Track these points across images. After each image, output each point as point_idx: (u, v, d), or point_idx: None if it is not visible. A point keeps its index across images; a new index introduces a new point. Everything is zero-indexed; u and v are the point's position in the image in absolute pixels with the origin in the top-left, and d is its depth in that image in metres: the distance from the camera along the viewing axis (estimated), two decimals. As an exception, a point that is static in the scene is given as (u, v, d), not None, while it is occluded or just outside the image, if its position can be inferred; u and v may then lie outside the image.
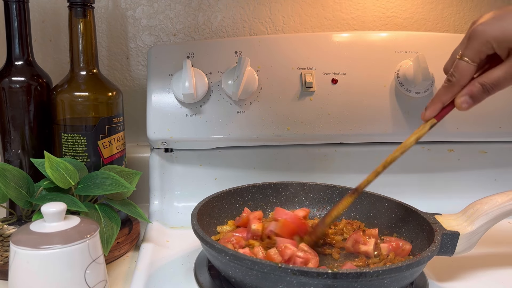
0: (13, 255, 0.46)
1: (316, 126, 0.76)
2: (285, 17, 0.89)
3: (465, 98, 0.47)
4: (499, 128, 0.79)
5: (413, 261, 0.47)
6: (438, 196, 0.81)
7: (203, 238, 0.51)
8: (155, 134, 0.75)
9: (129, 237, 0.67)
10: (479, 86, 0.46)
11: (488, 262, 0.62)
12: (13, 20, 0.67)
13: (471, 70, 0.47)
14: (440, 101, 0.50)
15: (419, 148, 0.82)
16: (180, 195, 0.78)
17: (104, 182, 0.60)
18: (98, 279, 0.48)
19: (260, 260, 0.46)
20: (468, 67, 0.47)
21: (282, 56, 0.77)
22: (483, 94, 0.47)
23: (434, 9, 0.92)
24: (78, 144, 0.66)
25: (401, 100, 0.77)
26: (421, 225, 0.58)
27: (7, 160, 0.69)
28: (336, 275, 0.44)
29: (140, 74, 0.89)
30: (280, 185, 0.70)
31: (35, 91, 0.68)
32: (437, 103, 0.50)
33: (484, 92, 0.46)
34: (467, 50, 0.47)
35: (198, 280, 0.56)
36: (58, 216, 0.47)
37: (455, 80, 0.48)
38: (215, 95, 0.75)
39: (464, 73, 0.47)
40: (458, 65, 0.47)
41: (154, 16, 0.87)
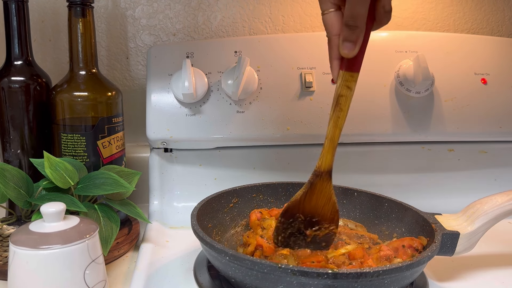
0: (13, 255, 0.45)
1: (316, 126, 0.76)
2: (285, 16, 0.89)
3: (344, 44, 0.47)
4: (499, 128, 0.79)
5: (413, 261, 0.47)
6: (438, 196, 0.81)
7: (203, 238, 0.51)
8: (154, 134, 0.75)
9: (128, 237, 0.67)
10: (344, 27, 0.46)
11: (488, 262, 0.62)
12: (13, 20, 0.67)
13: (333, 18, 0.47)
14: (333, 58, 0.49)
15: (419, 148, 0.82)
16: (179, 195, 0.78)
17: (103, 182, 0.60)
18: (98, 279, 0.48)
19: (260, 260, 0.46)
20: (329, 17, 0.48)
21: (282, 56, 0.77)
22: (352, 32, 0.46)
23: (434, 8, 0.92)
24: (77, 144, 0.66)
25: (401, 100, 0.77)
26: (421, 225, 0.58)
27: (7, 160, 0.69)
28: (336, 275, 0.44)
29: (140, 74, 0.89)
30: (280, 185, 0.70)
31: (35, 91, 0.68)
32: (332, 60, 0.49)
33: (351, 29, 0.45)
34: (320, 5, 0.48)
35: (198, 280, 0.56)
36: (58, 216, 0.47)
37: (328, 33, 0.49)
38: (215, 95, 0.75)
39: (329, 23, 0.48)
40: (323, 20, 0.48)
41: (153, 16, 0.87)
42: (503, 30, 0.96)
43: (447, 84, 0.78)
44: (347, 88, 0.49)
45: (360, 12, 0.44)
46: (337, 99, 0.50)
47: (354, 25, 0.45)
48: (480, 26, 0.95)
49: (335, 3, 0.47)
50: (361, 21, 0.45)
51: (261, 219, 0.63)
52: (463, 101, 0.78)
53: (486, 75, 0.80)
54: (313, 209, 0.54)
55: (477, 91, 0.79)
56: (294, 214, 0.54)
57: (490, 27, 0.95)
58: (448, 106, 0.78)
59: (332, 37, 0.48)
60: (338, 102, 0.50)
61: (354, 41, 0.46)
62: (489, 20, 0.95)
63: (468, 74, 0.79)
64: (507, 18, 0.96)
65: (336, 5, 0.47)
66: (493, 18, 0.95)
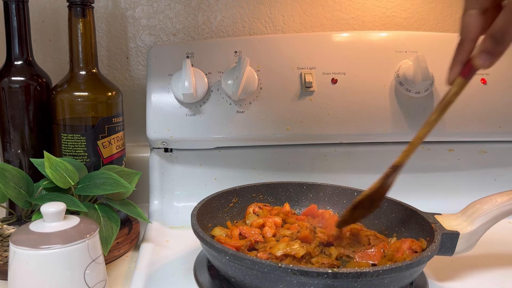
0: (13, 255, 0.45)
1: (316, 126, 0.76)
2: (285, 17, 0.89)
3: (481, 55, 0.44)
4: (499, 128, 0.79)
5: (413, 261, 0.47)
6: (438, 196, 0.81)
7: (203, 238, 0.51)
8: (154, 134, 0.75)
9: (128, 237, 0.67)
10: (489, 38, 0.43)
11: (488, 262, 0.62)
12: (13, 20, 0.67)
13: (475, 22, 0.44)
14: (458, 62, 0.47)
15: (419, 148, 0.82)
16: (180, 195, 0.78)
17: (103, 182, 0.60)
18: (98, 279, 0.48)
19: (260, 260, 0.46)
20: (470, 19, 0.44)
21: (282, 56, 0.77)
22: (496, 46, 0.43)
23: (434, 8, 0.92)
24: (77, 144, 0.66)
25: (401, 100, 0.77)
26: (421, 225, 0.58)
27: (7, 160, 0.69)
28: (336, 275, 0.44)
29: (140, 74, 0.89)
30: (280, 185, 0.70)
31: (35, 91, 0.68)
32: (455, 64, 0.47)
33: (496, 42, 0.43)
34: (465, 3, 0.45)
35: (198, 280, 0.56)
36: (58, 216, 0.47)
37: (463, 35, 0.46)
38: (215, 95, 0.75)
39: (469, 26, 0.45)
40: (462, 20, 0.45)
41: (153, 16, 0.87)
42: (503, 30, 0.96)
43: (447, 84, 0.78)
44: (457, 95, 0.48)
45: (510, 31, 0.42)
46: (445, 105, 0.49)
47: (502, 39, 0.42)
48: (480, 26, 0.95)
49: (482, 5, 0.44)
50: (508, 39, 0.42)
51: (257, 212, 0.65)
52: (463, 101, 0.78)
53: (486, 75, 0.80)
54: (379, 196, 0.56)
55: (477, 91, 0.79)
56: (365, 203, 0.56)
57: (490, 27, 0.95)
58: (448, 106, 0.78)
59: (466, 40, 0.45)
60: (445, 108, 0.49)
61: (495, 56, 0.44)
62: (489, 20, 0.95)
63: (468, 74, 0.79)
64: (507, 18, 0.95)
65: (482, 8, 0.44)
66: (493, 18, 0.95)
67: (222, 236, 0.59)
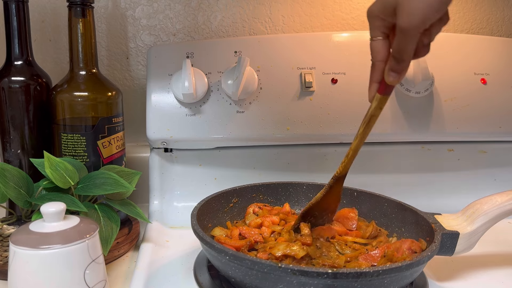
0: (13, 255, 0.45)
1: (316, 126, 0.76)
2: (285, 17, 0.89)
3: (389, 73, 0.50)
4: (499, 128, 0.79)
5: (413, 261, 0.47)
6: (438, 196, 0.81)
7: (203, 238, 0.51)
8: (154, 134, 0.75)
9: (128, 237, 0.67)
10: (392, 59, 0.49)
11: (488, 262, 0.62)
12: (13, 20, 0.67)
13: (380, 46, 0.50)
14: (373, 81, 0.52)
15: (419, 148, 0.82)
16: (180, 195, 0.78)
17: (103, 182, 0.60)
18: (98, 279, 0.48)
19: (260, 260, 0.46)
20: (376, 44, 0.50)
21: (282, 56, 0.77)
22: (398, 64, 0.49)
23: (434, 9, 0.92)
24: (77, 144, 0.66)
25: (401, 100, 0.77)
26: (421, 225, 0.58)
27: (7, 160, 0.69)
28: (336, 275, 0.44)
29: (140, 74, 0.89)
30: (280, 185, 0.70)
31: (35, 91, 0.68)
32: (371, 83, 0.53)
33: (398, 61, 0.48)
34: (370, 31, 0.51)
35: (198, 280, 0.56)
36: (58, 216, 0.47)
37: (373, 58, 0.51)
38: (215, 95, 0.75)
39: (376, 50, 0.51)
40: (370, 46, 0.51)
41: (153, 16, 0.87)
42: (503, 30, 0.96)
43: (447, 84, 0.78)
44: (379, 109, 0.53)
45: (408, 48, 0.47)
46: (369, 118, 0.54)
47: (401, 59, 0.48)
48: (480, 26, 0.95)
49: (384, 32, 0.50)
50: (408, 56, 0.48)
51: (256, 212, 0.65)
52: (463, 101, 0.79)
53: (486, 75, 0.80)
54: (326, 206, 0.61)
55: (477, 91, 0.79)
56: (313, 213, 0.60)
57: (490, 27, 0.95)
58: (448, 106, 0.78)
59: (376, 63, 0.51)
60: (370, 121, 0.54)
61: (400, 72, 0.49)
62: (489, 20, 0.95)
63: (468, 74, 0.80)
64: (507, 18, 0.96)
65: (385, 34, 0.50)
66: (493, 18, 0.95)
67: (222, 236, 0.59)
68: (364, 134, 0.55)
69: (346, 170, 0.58)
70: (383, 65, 0.51)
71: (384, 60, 0.51)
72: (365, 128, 0.55)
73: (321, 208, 0.60)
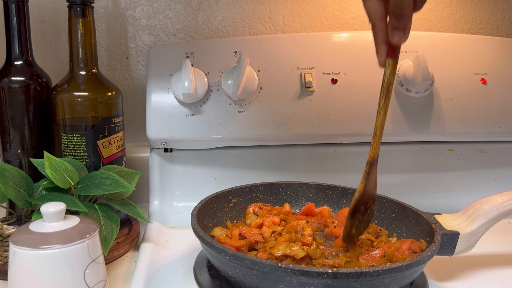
0: (13, 255, 0.45)
1: (316, 126, 0.76)
2: (285, 17, 0.89)
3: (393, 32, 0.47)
4: (499, 128, 0.79)
5: (413, 261, 0.47)
6: (438, 196, 0.81)
7: (203, 238, 0.51)
8: (154, 134, 0.75)
9: (128, 237, 0.67)
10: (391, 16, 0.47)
11: (488, 262, 0.62)
12: (13, 20, 0.67)
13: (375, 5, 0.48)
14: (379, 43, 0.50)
15: (419, 148, 0.82)
16: (180, 195, 0.78)
17: (103, 182, 0.60)
18: (98, 279, 0.48)
19: (260, 260, 0.46)
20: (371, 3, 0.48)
21: (282, 56, 0.77)
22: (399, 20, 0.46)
23: (434, 8, 0.92)
24: (77, 144, 0.66)
25: (401, 100, 0.77)
26: (421, 225, 0.58)
27: (7, 160, 0.69)
28: (336, 275, 0.44)
29: (140, 74, 0.89)
30: (280, 185, 0.70)
31: (35, 91, 0.68)
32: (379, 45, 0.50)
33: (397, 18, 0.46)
34: None
35: (198, 280, 0.56)
36: (58, 216, 0.47)
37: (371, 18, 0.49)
38: (215, 95, 0.75)
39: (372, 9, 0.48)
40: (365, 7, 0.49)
41: (153, 16, 0.87)
42: (503, 30, 0.96)
43: (446, 84, 0.78)
44: (393, 76, 0.50)
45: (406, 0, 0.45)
46: (387, 87, 0.51)
47: (401, 13, 0.46)
48: (480, 26, 0.95)
49: None
50: (407, 9, 0.46)
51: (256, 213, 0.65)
52: (463, 101, 0.79)
53: (486, 75, 0.80)
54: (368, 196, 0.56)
55: (477, 91, 0.79)
56: (359, 208, 0.56)
57: (490, 27, 0.95)
58: (447, 106, 0.78)
59: (376, 22, 0.49)
60: (388, 90, 0.51)
61: (403, 29, 0.47)
62: (489, 20, 0.95)
63: (468, 74, 0.80)
64: (507, 18, 0.96)
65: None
66: (493, 18, 0.95)
67: (222, 236, 0.59)
68: (386, 106, 0.52)
69: (377, 151, 0.54)
70: (384, 23, 0.48)
71: (383, 18, 0.48)
72: (385, 99, 0.52)
73: (365, 201, 0.56)
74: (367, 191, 0.55)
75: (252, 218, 0.63)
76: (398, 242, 0.56)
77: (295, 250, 0.52)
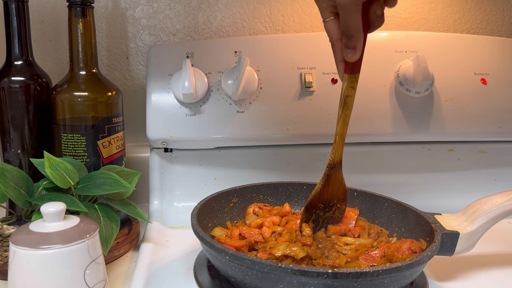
0: (13, 255, 0.45)
1: (316, 126, 0.76)
2: (285, 16, 0.89)
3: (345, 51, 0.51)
4: (499, 128, 0.79)
5: (413, 261, 0.47)
6: (438, 196, 0.81)
7: (203, 238, 0.51)
8: (154, 134, 0.75)
9: (128, 237, 0.67)
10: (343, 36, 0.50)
11: (488, 262, 0.62)
12: (13, 20, 0.67)
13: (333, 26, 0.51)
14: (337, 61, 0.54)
15: (419, 148, 0.82)
16: (180, 195, 0.78)
17: (103, 182, 0.60)
18: (98, 279, 0.48)
19: (260, 260, 0.46)
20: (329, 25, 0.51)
21: (282, 56, 0.77)
22: (350, 40, 0.50)
23: (434, 8, 0.92)
24: (77, 144, 0.66)
25: (401, 100, 0.77)
26: (421, 225, 0.58)
27: (7, 160, 0.69)
28: (336, 275, 0.44)
29: (140, 74, 0.89)
30: (280, 185, 0.70)
31: (35, 91, 0.68)
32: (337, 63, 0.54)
33: (348, 37, 0.49)
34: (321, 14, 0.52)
35: (198, 280, 0.56)
36: (58, 216, 0.47)
37: (330, 39, 0.53)
38: (215, 95, 0.75)
39: (330, 31, 0.52)
40: (325, 27, 0.52)
41: (153, 16, 0.87)
42: (503, 30, 0.96)
43: (447, 84, 0.78)
44: (352, 89, 0.54)
45: (353, 23, 0.48)
46: (344, 99, 0.55)
47: (350, 34, 0.49)
48: (480, 26, 0.95)
49: (333, 12, 0.50)
50: (355, 31, 0.49)
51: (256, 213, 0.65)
52: (463, 101, 0.79)
53: (486, 75, 0.80)
54: (330, 196, 0.61)
55: (477, 91, 0.79)
56: (316, 205, 0.60)
57: (490, 27, 0.95)
58: (448, 106, 0.78)
59: (334, 42, 0.52)
60: (345, 102, 0.55)
61: (354, 48, 0.50)
62: (489, 20, 0.95)
63: (468, 74, 0.80)
64: (507, 18, 0.96)
65: (334, 13, 0.51)
66: (493, 18, 0.95)
67: (222, 236, 0.59)
68: (344, 116, 0.56)
69: (338, 156, 0.59)
70: (341, 43, 0.51)
71: (340, 38, 0.51)
72: (343, 109, 0.55)
73: (324, 199, 0.60)
74: (327, 192, 0.60)
75: (252, 218, 0.63)
76: (398, 242, 0.56)
77: (295, 250, 0.52)
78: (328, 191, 0.60)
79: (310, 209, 0.60)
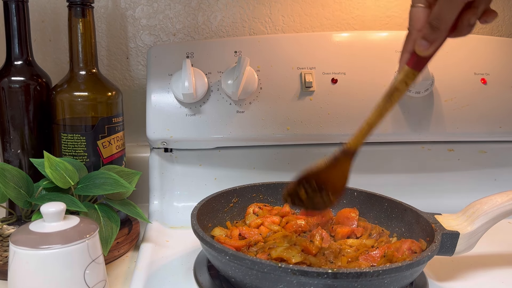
0: (13, 255, 0.45)
1: (316, 126, 0.76)
2: (285, 16, 0.89)
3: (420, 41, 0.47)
4: (499, 127, 0.79)
5: (413, 261, 0.47)
6: (438, 196, 0.81)
7: (203, 238, 0.51)
8: (154, 134, 0.75)
9: (128, 237, 0.67)
10: (427, 25, 0.46)
11: (488, 262, 0.62)
12: (13, 20, 0.67)
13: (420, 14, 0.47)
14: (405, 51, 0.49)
15: (419, 148, 0.82)
16: (180, 195, 0.78)
17: (103, 182, 0.60)
18: (98, 279, 0.48)
19: (260, 260, 0.46)
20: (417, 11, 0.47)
21: (282, 56, 0.77)
22: (432, 32, 0.45)
23: (434, 9, 0.92)
24: (77, 144, 0.66)
25: (401, 100, 0.77)
26: (421, 225, 0.58)
27: (7, 160, 0.69)
28: (336, 275, 0.44)
29: (140, 74, 0.89)
30: (280, 185, 0.70)
31: (35, 91, 0.68)
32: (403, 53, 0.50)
33: (432, 29, 0.45)
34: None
35: (198, 280, 0.56)
36: (58, 216, 0.47)
37: (410, 26, 0.48)
38: (215, 95, 0.75)
39: (415, 18, 0.47)
40: (410, 13, 0.48)
41: (153, 16, 0.87)
42: (503, 30, 0.96)
43: (447, 84, 0.78)
44: (404, 84, 0.49)
45: (448, 16, 0.44)
46: (392, 91, 0.49)
47: (437, 26, 0.45)
48: (480, 26, 0.95)
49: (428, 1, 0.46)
50: (445, 25, 0.45)
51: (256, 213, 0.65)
52: (463, 101, 0.79)
53: (486, 75, 0.80)
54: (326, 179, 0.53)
55: (477, 91, 0.79)
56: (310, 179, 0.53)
57: (490, 27, 0.95)
58: (448, 106, 0.78)
59: (412, 31, 0.48)
60: (392, 94, 0.50)
61: (432, 42, 0.46)
62: (489, 20, 0.95)
63: (468, 74, 0.80)
64: (507, 18, 0.96)
65: (428, 2, 0.47)
66: (493, 18, 0.95)
67: (222, 236, 0.59)
68: (384, 108, 0.50)
69: (357, 145, 0.52)
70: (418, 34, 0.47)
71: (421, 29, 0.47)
72: (386, 102, 0.50)
73: (321, 180, 0.53)
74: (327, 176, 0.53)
75: (252, 218, 0.63)
76: (398, 242, 0.56)
77: (290, 253, 0.51)
78: (328, 175, 0.53)
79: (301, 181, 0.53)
